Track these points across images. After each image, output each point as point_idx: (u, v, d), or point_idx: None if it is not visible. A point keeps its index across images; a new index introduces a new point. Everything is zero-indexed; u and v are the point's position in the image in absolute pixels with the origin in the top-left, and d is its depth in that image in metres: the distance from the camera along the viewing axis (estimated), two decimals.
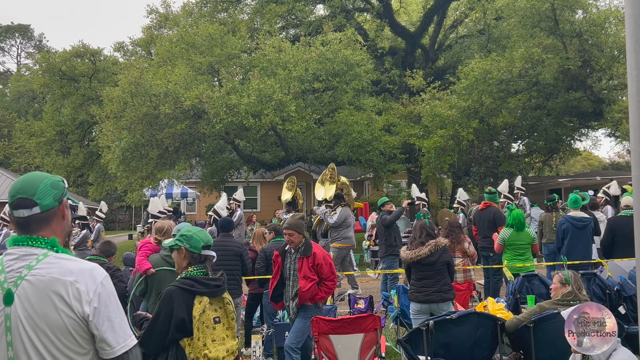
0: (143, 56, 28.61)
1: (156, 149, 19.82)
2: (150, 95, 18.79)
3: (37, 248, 2.41)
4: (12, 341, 2.30)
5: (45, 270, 2.36)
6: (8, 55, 73.92)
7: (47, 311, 2.31)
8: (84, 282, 2.37)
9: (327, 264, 6.91)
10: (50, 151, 29.38)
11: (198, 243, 4.30)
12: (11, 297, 2.32)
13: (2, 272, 2.36)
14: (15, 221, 2.44)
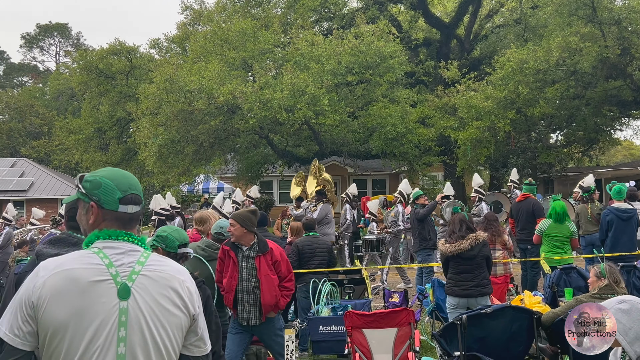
0: (178, 53, 28.90)
1: (191, 144, 20.01)
2: (185, 91, 18.97)
3: (135, 244, 2.36)
4: (127, 336, 2.22)
5: (160, 267, 2.34)
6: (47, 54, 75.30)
7: (169, 307, 2.29)
8: (189, 282, 2.41)
9: (284, 261, 6.31)
10: (89, 148, 29.90)
11: (173, 243, 4.60)
12: (128, 291, 2.24)
13: (112, 266, 2.26)
14: (120, 216, 2.37)
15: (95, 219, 2.37)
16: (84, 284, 2.20)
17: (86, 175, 2.46)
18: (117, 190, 2.37)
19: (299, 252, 9.08)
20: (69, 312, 2.17)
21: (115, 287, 2.23)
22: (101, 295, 2.21)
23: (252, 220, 6.12)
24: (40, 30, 73.26)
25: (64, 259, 2.28)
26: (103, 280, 2.23)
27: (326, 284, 8.39)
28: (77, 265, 2.24)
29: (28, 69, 73.60)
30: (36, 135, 52.74)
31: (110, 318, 2.20)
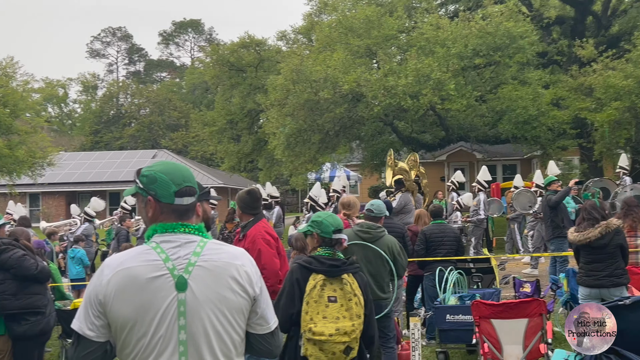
0: (304, 43, 29.36)
1: (318, 133, 20.32)
2: (311, 81, 19.26)
3: (192, 235, 2.48)
4: (187, 325, 2.36)
5: (215, 255, 2.45)
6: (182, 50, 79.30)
7: (225, 294, 2.42)
8: (248, 265, 2.53)
9: (255, 251, 5.37)
10: (222, 139, 31.17)
11: (328, 228, 4.46)
12: (185, 284, 2.38)
13: (169, 260, 2.40)
14: (176, 209, 2.48)
15: (153, 212, 2.50)
16: (142, 281, 2.36)
17: (143, 169, 2.58)
18: (172, 184, 2.48)
19: (426, 240, 8.99)
20: (132, 307, 2.35)
21: (172, 280, 2.38)
22: (160, 290, 2.36)
23: (245, 201, 5.74)
24: (176, 27, 77.26)
25: (125, 256, 2.44)
26: (161, 275, 2.38)
27: (453, 272, 8.26)
28: (135, 264, 2.39)
29: (165, 65, 77.92)
30: (174, 127, 55.77)
31: (170, 310, 2.36)
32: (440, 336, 7.88)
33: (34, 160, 26.41)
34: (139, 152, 43.01)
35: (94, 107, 63.85)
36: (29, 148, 26.18)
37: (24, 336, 5.73)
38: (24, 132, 26.11)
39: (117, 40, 76.37)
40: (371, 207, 6.63)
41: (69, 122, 70.01)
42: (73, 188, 37.12)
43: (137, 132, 55.13)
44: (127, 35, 76.61)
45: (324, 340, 4.06)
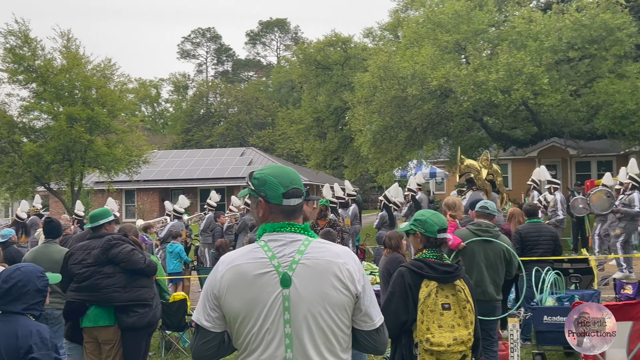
0: (391, 40, 29.24)
1: (405, 130, 20.21)
2: (398, 77, 19.18)
3: (297, 234, 2.62)
4: (291, 319, 2.51)
5: (318, 254, 2.57)
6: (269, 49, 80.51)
7: (327, 291, 2.52)
8: (350, 263, 2.60)
9: None
10: (309, 136, 31.51)
11: (432, 227, 4.28)
12: (289, 280, 2.52)
13: (275, 258, 2.55)
14: (284, 209, 2.64)
15: (263, 213, 2.68)
16: (250, 277, 2.55)
17: (255, 172, 2.77)
18: (280, 186, 2.65)
19: (522, 240, 8.80)
20: (242, 301, 2.55)
21: (277, 277, 2.54)
22: (266, 286, 2.53)
23: None
24: (262, 27, 78.60)
25: (236, 254, 2.65)
26: (267, 272, 2.54)
27: (550, 272, 8.05)
28: (244, 261, 2.59)
29: (252, 64, 79.44)
30: (261, 125, 56.80)
31: (276, 304, 2.52)
32: (538, 337, 7.71)
33: (130, 158, 27.59)
34: (228, 150, 44.07)
35: (184, 107, 65.91)
36: (126, 146, 27.38)
37: (132, 327, 6.00)
38: (121, 131, 27.31)
39: (207, 40, 78.50)
40: (486, 204, 6.59)
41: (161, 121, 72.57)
42: (166, 185, 38.49)
43: (226, 131, 56.47)
44: (216, 36, 78.63)
45: (442, 351, 3.98)
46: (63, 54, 26.45)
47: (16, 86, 26.77)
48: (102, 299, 5.94)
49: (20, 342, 3.40)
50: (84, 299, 5.98)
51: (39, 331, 3.49)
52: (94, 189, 32.81)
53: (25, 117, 27.05)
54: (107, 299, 5.93)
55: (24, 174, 25.70)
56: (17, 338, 3.40)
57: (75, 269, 6.01)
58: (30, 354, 3.38)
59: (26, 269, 3.68)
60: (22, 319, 3.53)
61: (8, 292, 3.53)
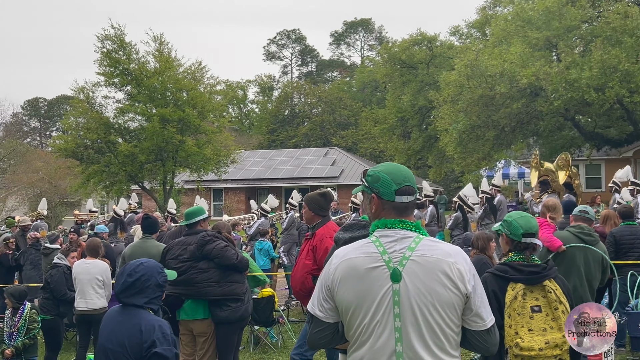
0: (478, 38, 28.78)
1: (492, 129, 19.88)
2: (486, 76, 18.89)
3: (409, 231, 2.66)
4: (401, 313, 2.56)
5: (429, 251, 2.60)
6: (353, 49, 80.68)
7: (437, 288, 2.55)
8: (461, 263, 2.61)
9: (322, 249, 5.61)
10: (392, 136, 31.45)
11: (517, 230, 4.07)
12: (399, 275, 2.57)
13: (385, 253, 2.62)
14: (396, 206, 2.70)
15: (376, 209, 2.75)
16: (362, 271, 2.63)
17: (369, 170, 2.83)
18: (393, 183, 2.71)
19: (616, 243, 8.50)
20: (353, 294, 2.63)
21: (388, 272, 2.60)
22: (377, 280, 2.61)
23: (319, 203, 5.92)
24: (347, 27, 78.84)
25: (349, 248, 2.74)
26: (378, 266, 2.61)
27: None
28: (357, 255, 2.67)
29: (336, 65, 79.80)
30: (345, 125, 57.03)
31: (386, 298, 2.59)
32: (633, 343, 7.47)
33: (218, 158, 28.33)
34: (312, 150, 44.48)
35: (270, 108, 67.06)
36: (215, 147, 28.13)
37: (225, 321, 6.23)
38: (210, 131, 28.08)
39: (292, 42, 79.53)
40: (585, 208, 6.50)
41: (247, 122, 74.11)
42: (252, 184, 39.27)
43: (310, 131, 57.04)
44: (301, 37, 79.50)
45: (533, 356, 3.84)
46: (156, 58, 27.45)
47: (112, 89, 28.01)
48: (197, 293, 6.19)
49: (144, 336, 3.52)
50: (180, 293, 6.26)
51: (161, 326, 3.62)
52: (184, 187, 33.92)
53: (121, 119, 28.24)
54: (201, 293, 6.17)
55: (119, 173, 26.84)
56: (141, 332, 3.53)
57: (172, 263, 6.29)
58: (154, 348, 3.49)
59: (149, 264, 3.80)
60: (144, 313, 3.66)
61: (132, 285, 3.65)
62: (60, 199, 34.95)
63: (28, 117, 77.80)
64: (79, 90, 27.45)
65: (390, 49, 31.22)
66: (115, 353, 3.55)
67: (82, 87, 27.49)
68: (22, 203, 34.85)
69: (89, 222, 16.12)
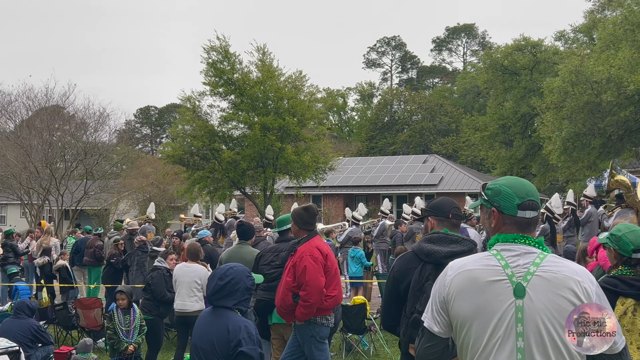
0: (584, 43, 27.73)
1: (598, 137, 19.10)
2: (592, 82, 18.18)
3: (532, 247, 2.54)
4: (524, 332, 2.41)
5: (555, 268, 2.46)
6: (455, 55, 79.58)
7: (564, 305, 2.41)
8: (587, 282, 2.47)
9: (301, 267, 5.55)
10: (494, 144, 30.75)
11: (627, 246, 3.89)
12: (523, 291, 2.44)
13: (508, 267, 2.49)
14: (518, 221, 2.59)
15: (496, 223, 2.63)
16: (482, 283, 2.50)
17: (489, 183, 2.74)
18: (516, 197, 2.59)
19: None
20: (471, 307, 2.50)
21: (511, 286, 2.46)
22: (498, 294, 2.46)
23: (303, 217, 5.88)
24: (449, 33, 77.90)
25: (466, 260, 2.62)
26: (499, 280, 2.48)
27: None
28: (476, 267, 2.55)
29: (438, 71, 78.95)
30: (445, 132, 56.32)
31: (508, 314, 2.44)
32: None
33: (317, 165, 28.76)
34: (411, 157, 44.23)
35: (369, 115, 67.26)
36: (313, 154, 28.59)
37: None
38: (309, 139, 28.59)
39: (392, 49, 79.47)
40: None
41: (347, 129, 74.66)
42: (350, 191, 39.54)
43: (409, 138, 56.73)
44: (401, 44, 79.30)
45: None
46: (258, 67, 28.30)
47: (217, 98, 29.15)
48: None
49: (231, 335, 3.71)
50: (272, 298, 6.47)
51: (247, 327, 3.80)
52: (284, 193, 34.64)
53: (224, 127, 29.32)
54: None
55: (223, 179, 27.84)
56: (228, 331, 3.72)
57: (265, 269, 6.53)
58: (240, 347, 3.67)
59: (238, 269, 3.99)
60: (232, 314, 3.85)
61: (223, 288, 3.85)
62: (168, 203, 36.61)
63: (140, 125, 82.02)
64: (186, 100, 28.73)
65: (492, 54, 30.59)
66: (206, 351, 3.76)
67: (189, 96, 28.78)
68: (133, 207, 36.79)
69: (193, 226, 16.81)
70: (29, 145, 26.59)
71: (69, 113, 30.63)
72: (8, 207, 43.62)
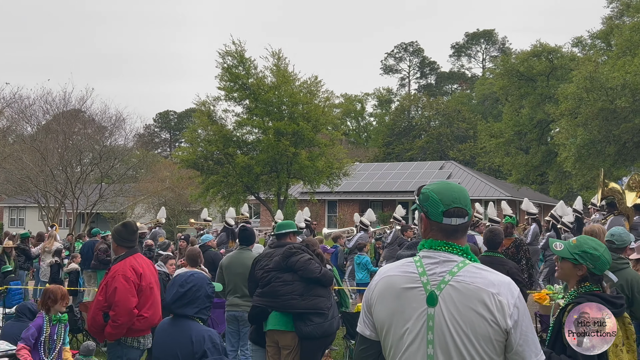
0: (602, 49, 27.41)
1: (613, 144, 18.88)
2: (606, 88, 17.99)
3: (454, 255, 2.51)
4: (434, 340, 2.41)
5: (469, 278, 2.44)
6: (474, 61, 79.18)
7: (472, 318, 2.39)
8: (505, 295, 2.42)
9: (112, 287, 5.45)
10: (510, 150, 30.49)
11: (604, 266, 3.78)
12: (435, 299, 2.43)
13: (425, 275, 2.49)
14: (444, 228, 2.55)
15: (425, 228, 2.63)
16: (398, 289, 2.54)
17: (423, 187, 2.73)
18: (441, 204, 2.55)
19: None
20: (387, 312, 2.55)
21: (424, 294, 2.48)
22: (412, 301, 2.50)
23: (120, 233, 5.83)
24: (468, 39, 77.55)
25: (391, 266, 2.66)
26: (414, 287, 2.51)
27: None
28: (396, 273, 2.59)
29: (456, 77, 78.62)
30: (462, 139, 56.03)
31: (419, 321, 2.47)
32: None
33: (331, 170, 28.73)
34: (427, 164, 44.05)
35: (387, 120, 67.10)
36: (327, 159, 28.57)
37: (309, 336, 6.29)
38: (323, 144, 28.56)
39: (409, 55, 79.26)
40: (612, 237, 5.70)
41: (365, 135, 74.55)
42: (366, 197, 39.45)
43: (426, 144, 56.49)
44: (419, 50, 79.05)
45: None
46: (273, 72, 28.36)
47: (231, 103, 29.29)
48: (281, 306, 6.34)
49: (195, 347, 3.66)
50: (266, 305, 6.44)
51: (211, 336, 3.75)
52: (298, 199, 34.62)
53: (239, 132, 29.40)
54: (285, 306, 6.32)
55: (237, 184, 27.92)
56: (192, 342, 3.67)
57: (259, 274, 6.52)
58: (205, 358, 3.63)
59: (199, 276, 3.97)
60: (194, 324, 3.79)
61: (184, 295, 3.80)
62: (183, 207, 36.77)
63: (159, 129, 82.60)
64: (201, 104, 28.87)
65: (509, 60, 30.37)
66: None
67: (204, 101, 28.91)
68: (148, 210, 37.01)
69: (202, 230, 16.86)
70: (45, 149, 26.85)
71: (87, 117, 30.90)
72: (26, 209, 44.12)
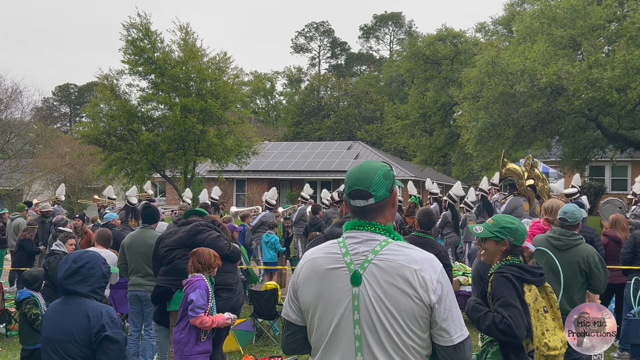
0: (504, 35, 28.44)
1: (512, 128, 19.64)
2: (507, 74, 18.65)
3: (377, 234, 2.51)
4: (360, 319, 2.42)
5: (392, 256, 2.44)
6: (382, 43, 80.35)
7: (396, 295, 2.40)
8: (427, 271, 2.43)
9: None
10: (415, 132, 31.23)
11: (523, 237, 4.08)
12: (359, 279, 2.43)
13: (348, 255, 2.49)
14: (352, 209, 2.58)
15: (346, 211, 2.73)
16: (322, 271, 2.53)
17: None
18: (347, 187, 2.60)
19: (635, 245, 8.18)
20: (313, 294, 2.53)
21: (348, 274, 2.47)
22: (336, 281, 2.49)
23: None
24: (377, 21, 78.51)
25: (316, 248, 2.64)
26: (338, 267, 2.50)
27: None
28: (319, 255, 2.58)
29: (365, 58, 79.56)
30: (370, 120, 56.89)
31: (344, 302, 2.46)
32: (632, 350, 7.33)
33: (240, 149, 28.42)
34: (336, 144, 44.47)
35: (297, 100, 67.11)
36: (236, 137, 28.23)
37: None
38: (232, 122, 28.18)
39: (320, 34, 79.42)
40: (564, 215, 5.83)
41: (274, 114, 74.29)
42: (275, 176, 39.38)
43: (335, 124, 56.96)
44: (329, 30, 79.36)
45: (557, 355, 3.85)
46: (181, 47, 27.60)
47: (136, 77, 28.28)
48: None
49: (92, 322, 3.50)
50: (170, 285, 6.29)
51: (108, 311, 3.60)
52: (206, 177, 34.11)
53: (144, 107, 28.50)
54: None
55: (141, 161, 27.09)
56: (89, 318, 3.51)
57: (162, 252, 6.35)
58: (104, 332, 3.48)
59: (94, 254, 3.77)
60: (89, 301, 3.61)
61: (77, 272, 3.60)
62: (84, 185, 35.43)
63: (59, 103, 79.01)
64: (104, 78, 27.74)
65: (415, 43, 30.98)
66: (63, 343, 3.52)
67: (106, 74, 27.80)
68: (47, 187, 35.41)
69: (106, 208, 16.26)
70: None
71: None
72: None
